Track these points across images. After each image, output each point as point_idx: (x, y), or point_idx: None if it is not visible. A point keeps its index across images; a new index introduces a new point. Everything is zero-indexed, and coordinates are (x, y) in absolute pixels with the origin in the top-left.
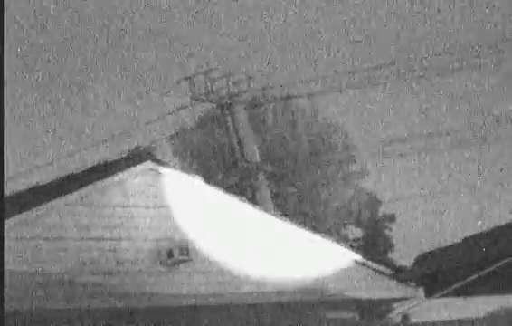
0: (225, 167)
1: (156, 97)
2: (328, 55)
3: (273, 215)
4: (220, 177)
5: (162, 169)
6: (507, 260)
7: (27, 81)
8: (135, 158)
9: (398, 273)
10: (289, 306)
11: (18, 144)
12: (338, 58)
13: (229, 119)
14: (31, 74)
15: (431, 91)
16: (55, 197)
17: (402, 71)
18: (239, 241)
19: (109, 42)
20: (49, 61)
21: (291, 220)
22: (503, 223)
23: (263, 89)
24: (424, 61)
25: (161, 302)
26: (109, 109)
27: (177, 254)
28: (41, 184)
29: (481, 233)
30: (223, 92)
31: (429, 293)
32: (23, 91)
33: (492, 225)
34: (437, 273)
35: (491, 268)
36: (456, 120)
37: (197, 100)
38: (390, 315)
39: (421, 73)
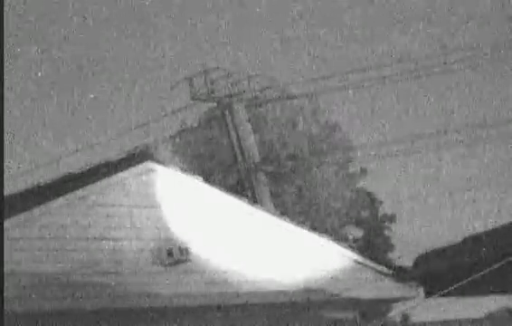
0: (225, 167)
1: (155, 97)
2: (329, 54)
3: (273, 214)
4: (220, 176)
5: (162, 169)
6: (507, 260)
7: (27, 79)
8: (135, 158)
9: (398, 273)
10: (289, 306)
11: (18, 144)
12: (339, 58)
13: (229, 119)
14: (31, 72)
15: (430, 90)
16: (55, 197)
17: (403, 70)
18: (238, 241)
19: (109, 41)
20: (49, 59)
21: (291, 220)
22: (503, 223)
23: (263, 89)
24: (424, 60)
25: (161, 302)
26: (110, 108)
27: (177, 254)
28: (41, 184)
29: (481, 233)
30: (223, 92)
31: (429, 293)
32: (24, 89)
33: (492, 225)
34: (437, 273)
35: (491, 268)
36: (456, 120)
37: (197, 100)
38: (390, 315)
39: (421, 72)
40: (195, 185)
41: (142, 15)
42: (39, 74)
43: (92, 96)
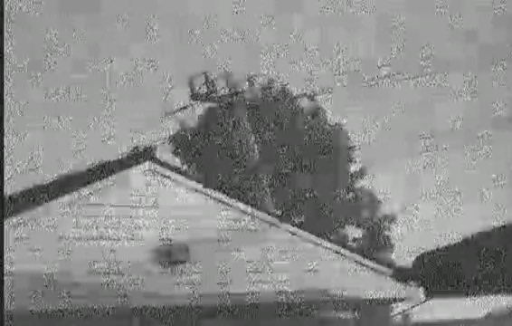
0: (225, 168)
1: (155, 97)
2: (329, 55)
3: (272, 215)
4: (220, 177)
5: (162, 170)
6: (507, 260)
7: (28, 80)
8: (135, 158)
9: (398, 273)
10: (289, 306)
11: (18, 144)
12: (339, 58)
13: (229, 119)
14: (32, 73)
15: (431, 90)
16: (55, 197)
17: (403, 70)
18: (238, 241)
19: (109, 41)
20: (50, 59)
21: (291, 220)
22: (503, 223)
23: (263, 89)
24: (424, 59)
25: (160, 302)
26: (109, 109)
27: (176, 254)
28: (41, 184)
29: (481, 233)
30: (223, 92)
31: (429, 293)
32: (24, 90)
33: (492, 226)
34: (437, 273)
35: (491, 268)
36: (457, 120)
37: (197, 100)
38: (390, 315)
39: (421, 72)
40: (195, 185)
41: (142, 14)
42: (39, 74)
43: (91, 96)
